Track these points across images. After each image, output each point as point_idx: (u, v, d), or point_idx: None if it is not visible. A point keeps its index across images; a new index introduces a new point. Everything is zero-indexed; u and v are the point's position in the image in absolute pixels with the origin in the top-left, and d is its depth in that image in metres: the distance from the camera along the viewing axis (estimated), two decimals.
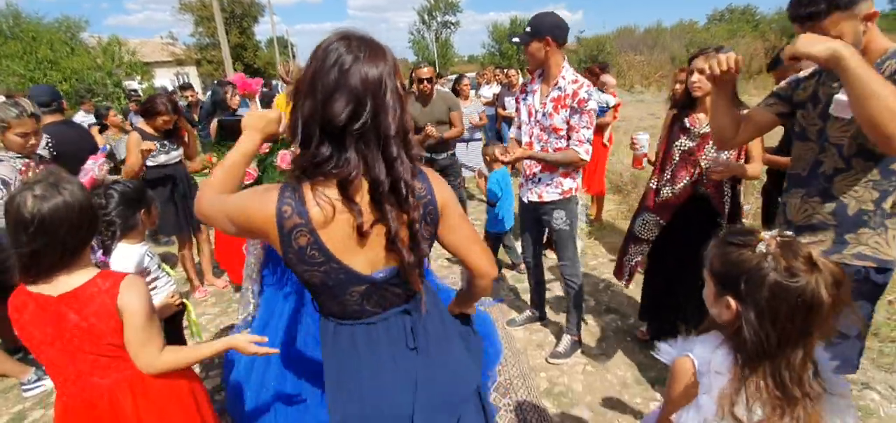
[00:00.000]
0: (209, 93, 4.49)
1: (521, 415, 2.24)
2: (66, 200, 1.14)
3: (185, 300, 1.87)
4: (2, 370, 2.63)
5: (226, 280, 3.77)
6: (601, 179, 4.56)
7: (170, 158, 3.27)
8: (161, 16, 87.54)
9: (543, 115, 2.31)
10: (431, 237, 1.03)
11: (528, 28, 2.22)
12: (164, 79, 23.22)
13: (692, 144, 2.19)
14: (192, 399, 1.36)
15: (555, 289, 3.38)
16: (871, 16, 1.28)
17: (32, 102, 2.43)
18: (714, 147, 2.13)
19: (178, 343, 1.92)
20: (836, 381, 0.93)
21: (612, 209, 5.00)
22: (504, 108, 6.14)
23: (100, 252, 1.65)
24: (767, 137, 2.01)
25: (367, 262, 0.95)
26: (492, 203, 3.38)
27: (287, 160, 1.91)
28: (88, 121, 6.54)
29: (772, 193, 2.82)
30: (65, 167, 2.34)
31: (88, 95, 10.41)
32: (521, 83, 2.70)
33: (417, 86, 3.61)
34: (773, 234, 0.91)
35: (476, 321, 2.50)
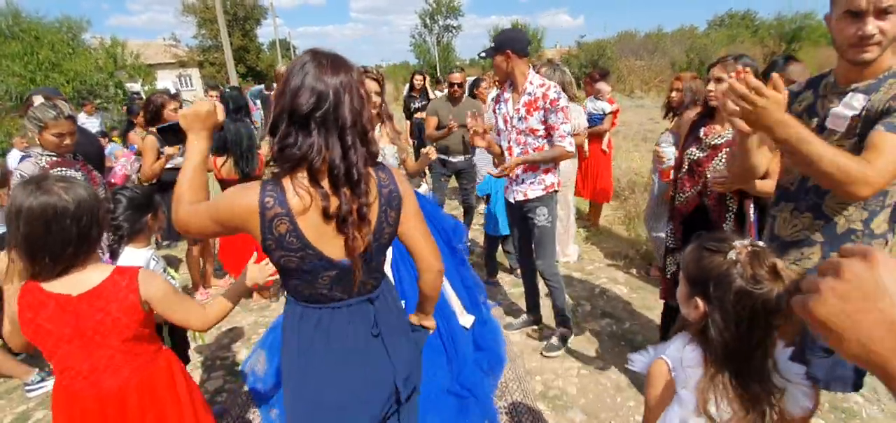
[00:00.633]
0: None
1: (516, 418, 2.28)
2: (75, 196, 1.19)
3: None
4: (6, 371, 2.67)
5: (229, 281, 3.82)
6: (601, 185, 4.56)
7: (182, 161, 3.32)
8: (164, 17, 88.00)
9: (519, 119, 2.47)
10: (395, 224, 1.17)
11: (492, 44, 2.47)
12: (167, 81, 23.34)
13: (701, 155, 2.14)
14: (190, 402, 1.45)
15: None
16: None
17: (70, 104, 2.53)
18: (722, 159, 2.07)
19: (182, 344, 1.97)
20: (790, 368, 0.98)
21: (609, 215, 5.05)
22: None
23: (107, 256, 1.70)
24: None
25: (338, 248, 1.07)
26: (485, 199, 3.50)
27: None
28: (90, 123, 6.59)
29: (765, 206, 2.83)
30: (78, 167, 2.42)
31: (90, 97, 10.48)
32: (495, 94, 2.87)
33: (449, 89, 4.09)
34: (745, 243, 0.96)
35: (487, 330, 2.56)
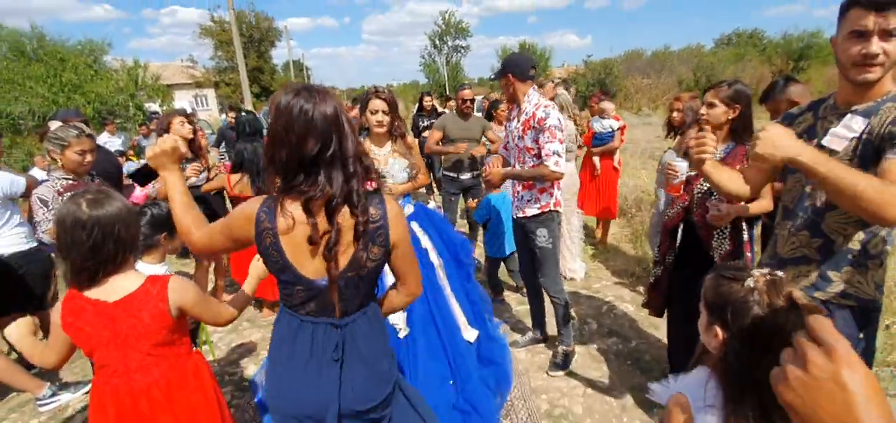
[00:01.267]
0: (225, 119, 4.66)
1: None
2: (117, 207, 1.34)
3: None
4: (19, 384, 2.71)
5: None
6: (609, 202, 4.59)
7: (199, 179, 3.44)
8: (182, 40, 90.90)
9: (519, 138, 2.53)
10: (377, 259, 1.18)
11: (499, 68, 2.55)
12: (184, 101, 24.00)
13: (693, 174, 2.19)
14: (217, 404, 1.56)
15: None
16: None
17: (90, 125, 2.64)
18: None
19: None
20: None
21: (616, 232, 5.04)
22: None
23: None
24: None
25: (315, 270, 1.14)
26: (483, 226, 3.52)
27: None
28: (113, 143, 6.81)
29: (769, 224, 2.84)
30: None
31: (111, 117, 10.83)
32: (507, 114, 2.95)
33: (460, 105, 4.18)
34: (764, 272, 0.97)
35: (495, 346, 2.56)
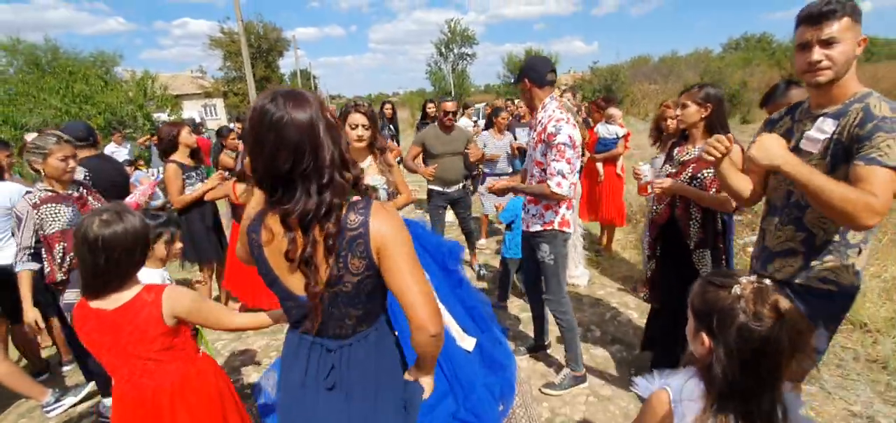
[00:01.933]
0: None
1: None
2: (126, 227, 1.38)
3: (198, 327, 2.00)
4: (25, 391, 2.74)
5: (238, 306, 3.90)
6: (614, 209, 4.56)
7: (209, 187, 3.44)
8: (192, 51, 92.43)
9: (533, 149, 2.48)
10: (360, 273, 1.03)
11: (518, 72, 2.50)
12: (192, 111, 24.31)
13: (672, 171, 2.39)
14: (220, 404, 1.57)
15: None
16: (863, 41, 1.41)
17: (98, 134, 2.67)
18: (689, 175, 2.28)
19: None
20: (799, 418, 0.98)
21: (621, 239, 5.01)
22: (515, 138, 6.27)
23: None
24: None
25: (298, 283, 1.07)
26: (507, 227, 3.51)
27: None
28: (120, 153, 6.92)
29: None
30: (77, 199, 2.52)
31: (120, 127, 11.01)
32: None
33: (442, 117, 3.91)
34: (751, 279, 0.98)
35: (501, 350, 2.53)
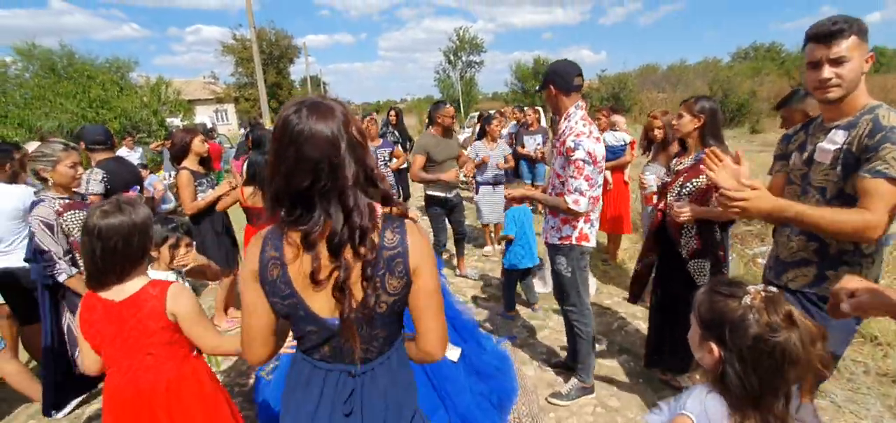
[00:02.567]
0: (247, 130, 4.82)
1: None
2: (123, 218, 1.41)
3: None
4: (30, 393, 2.76)
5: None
6: (621, 217, 4.53)
7: (221, 193, 3.46)
8: (205, 57, 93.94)
9: (554, 159, 2.44)
10: (398, 292, 1.02)
11: (542, 80, 2.41)
12: (204, 116, 24.69)
13: (667, 179, 2.48)
14: (213, 403, 1.59)
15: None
16: (871, 57, 1.47)
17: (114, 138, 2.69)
18: (683, 186, 2.33)
19: None
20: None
21: (629, 248, 4.98)
22: (523, 146, 6.26)
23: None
24: (763, 171, 2.11)
25: (327, 306, 1.00)
26: (508, 239, 3.50)
27: None
28: (131, 157, 7.02)
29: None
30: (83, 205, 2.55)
31: (134, 132, 11.20)
32: (514, 129, 2.92)
33: (449, 123, 4.04)
34: (759, 288, 0.98)
35: (489, 357, 2.52)
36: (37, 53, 15.30)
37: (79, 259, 2.45)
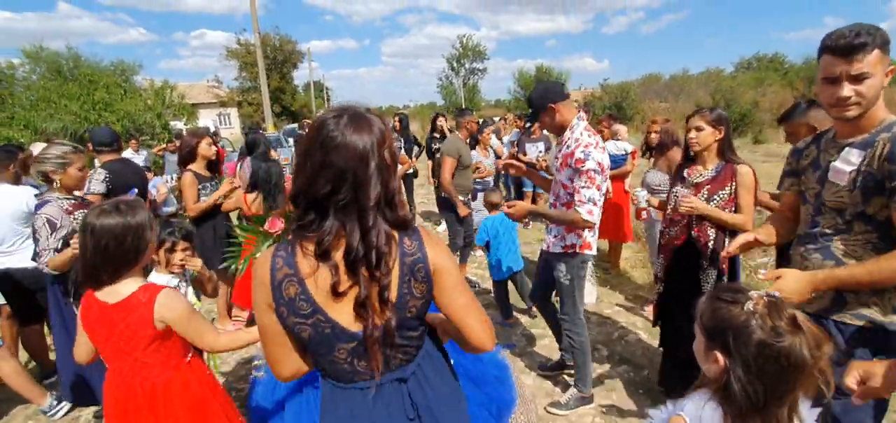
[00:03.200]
0: (247, 135, 4.85)
1: None
2: (117, 220, 1.41)
3: None
4: (26, 393, 2.75)
5: (245, 315, 3.93)
6: (622, 226, 4.53)
7: (222, 194, 3.44)
8: (209, 61, 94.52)
9: (557, 170, 2.41)
10: (424, 297, 1.02)
11: (531, 109, 2.40)
12: (207, 119, 24.82)
13: (686, 192, 2.38)
14: (203, 412, 1.57)
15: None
16: (892, 70, 1.36)
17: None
18: (704, 196, 2.30)
19: None
20: None
21: (630, 257, 4.96)
22: (524, 153, 6.26)
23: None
24: (767, 182, 2.09)
25: (353, 317, 0.97)
26: (484, 248, 3.52)
27: (276, 225, 2.12)
28: (136, 160, 7.06)
29: (783, 248, 2.81)
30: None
31: (137, 135, 11.26)
32: (516, 137, 2.89)
33: (475, 129, 4.54)
34: (761, 293, 0.96)
35: (491, 363, 2.52)
36: (44, 56, 15.44)
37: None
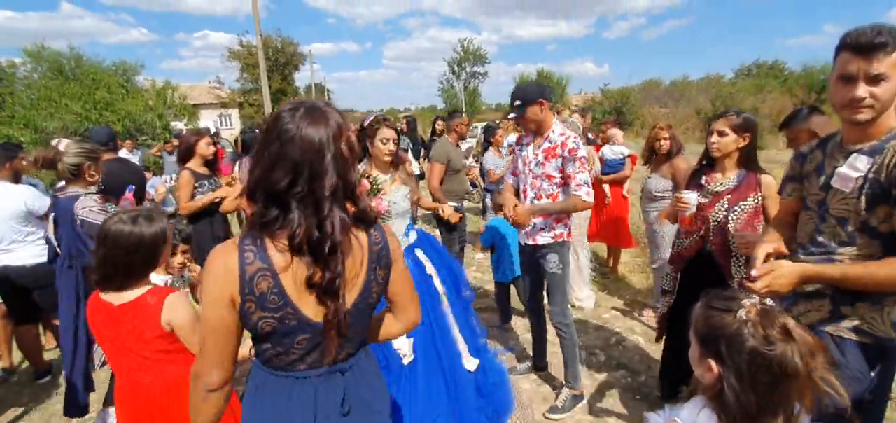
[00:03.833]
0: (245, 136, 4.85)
1: None
2: (131, 230, 1.44)
3: None
4: None
5: None
6: (620, 230, 4.54)
7: (218, 196, 3.42)
8: (211, 62, 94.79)
9: (536, 164, 2.49)
10: (385, 281, 1.11)
11: (518, 101, 2.45)
12: (209, 120, 24.83)
13: (704, 201, 2.23)
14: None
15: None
16: None
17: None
18: (725, 206, 2.16)
19: None
20: None
21: (628, 261, 4.96)
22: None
23: None
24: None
25: (318, 310, 1.00)
26: (490, 250, 3.50)
27: (381, 205, 2.30)
28: (132, 159, 7.06)
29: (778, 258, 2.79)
30: (114, 199, 2.57)
31: (137, 134, 11.28)
32: (517, 137, 2.89)
33: (464, 130, 4.34)
34: (754, 301, 0.95)
35: (490, 376, 2.51)
36: (45, 55, 15.49)
37: None
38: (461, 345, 2.38)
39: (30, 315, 3.00)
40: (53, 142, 3.24)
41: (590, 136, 5.17)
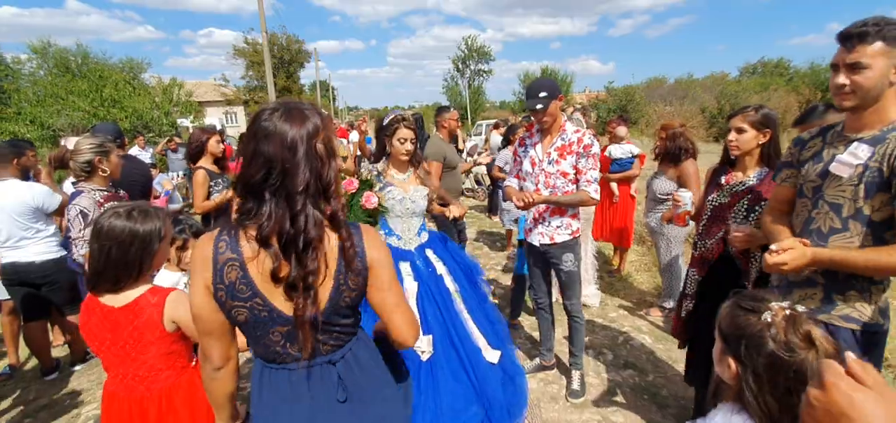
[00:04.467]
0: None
1: None
2: (125, 225, 1.38)
3: None
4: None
5: None
6: (627, 230, 4.51)
7: (226, 196, 3.40)
8: (216, 59, 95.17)
9: (549, 162, 2.46)
10: (358, 288, 1.07)
11: (544, 93, 2.36)
12: (214, 117, 24.91)
13: (724, 201, 2.14)
14: (207, 416, 1.51)
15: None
16: None
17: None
18: (744, 205, 2.08)
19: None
20: None
21: (635, 260, 4.93)
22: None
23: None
24: None
25: (288, 303, 1.00)
26: (520, 243, 3.45)
27: (371, 201, 2.27)
28: (142, 157, 7.10)
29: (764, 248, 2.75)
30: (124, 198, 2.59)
31: (145, 132, 11.32)
32: (520, 137, 2.76)
33: (455, 127, 4.30)
34: (783, 305, 0.94)
35: (509, 364, 2.50)
36: (52, 52, 15.59)
37: None
38: (480, 340, 2.36)
39: (38, 311, 3.01)
40: (61, 141, 3.26)
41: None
